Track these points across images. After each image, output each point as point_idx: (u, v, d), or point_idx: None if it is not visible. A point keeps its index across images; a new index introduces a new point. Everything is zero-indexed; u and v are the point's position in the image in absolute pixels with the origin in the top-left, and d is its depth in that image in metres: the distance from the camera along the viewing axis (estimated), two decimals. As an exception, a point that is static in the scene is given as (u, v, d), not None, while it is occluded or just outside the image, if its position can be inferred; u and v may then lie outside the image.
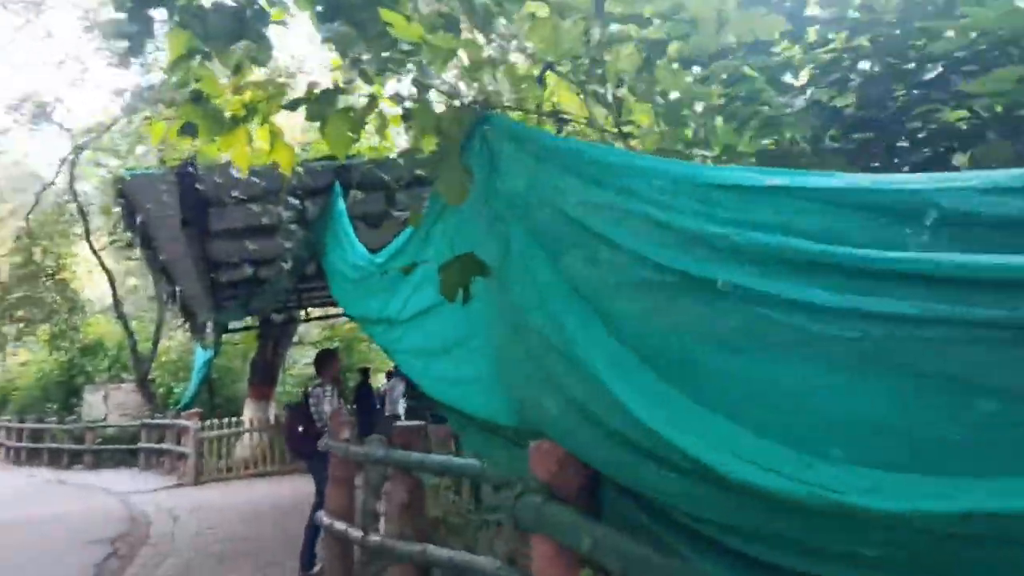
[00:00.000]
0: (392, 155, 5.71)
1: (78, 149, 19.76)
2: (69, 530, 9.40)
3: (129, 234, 7.01)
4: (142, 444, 16.42)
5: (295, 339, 17.24)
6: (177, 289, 9.58)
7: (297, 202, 5.46)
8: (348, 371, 16.42)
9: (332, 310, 16.23)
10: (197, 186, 5.22)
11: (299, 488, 11.71)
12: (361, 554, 5.20)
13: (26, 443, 19.62)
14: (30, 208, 21.42)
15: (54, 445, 18.46)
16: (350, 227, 4.91)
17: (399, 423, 9.10)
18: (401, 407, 13.25)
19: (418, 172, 5.77)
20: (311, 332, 20.47)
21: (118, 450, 17.49)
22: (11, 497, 13.49)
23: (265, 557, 7.06)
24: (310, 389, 6.44)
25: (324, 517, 5.47)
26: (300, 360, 19.23)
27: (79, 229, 20.89)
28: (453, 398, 2.98)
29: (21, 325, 23.31)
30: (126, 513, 10.67)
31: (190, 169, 5.16)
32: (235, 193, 5.42)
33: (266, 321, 14.62)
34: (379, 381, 16.42)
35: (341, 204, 5.25)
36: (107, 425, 18.58)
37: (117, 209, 6.62)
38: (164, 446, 15.29)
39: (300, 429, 6.22)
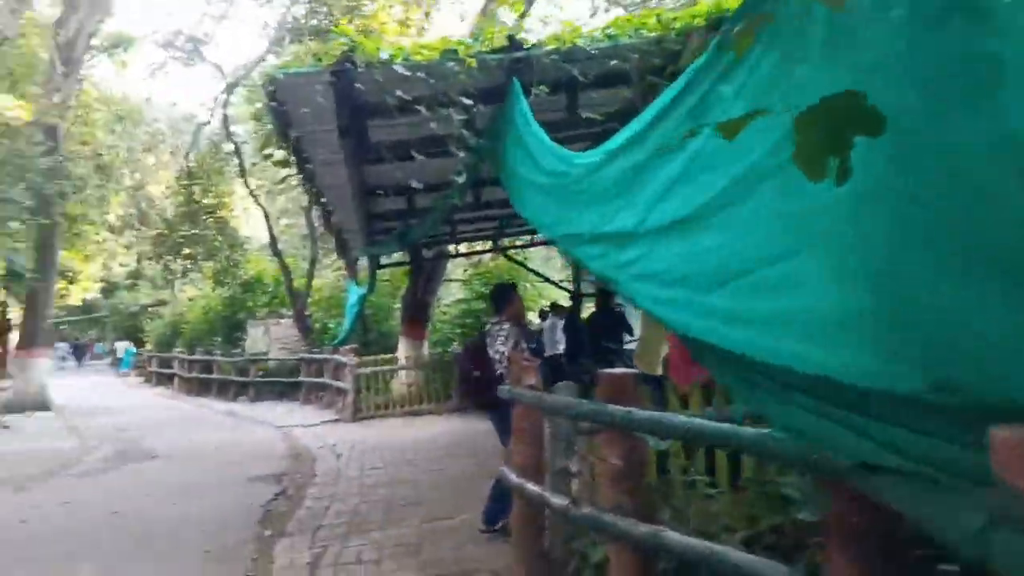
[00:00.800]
0: (581, 41, 4.70)
1: (230, 87, 19.93)
2: (241, 464, 9.33)
3: (283, 152, 6.40)
4: (302, 378, 16.66)
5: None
6: (333, 219, 9.11)
7: (470, 102, 4.58)
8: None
9: (478, 246, 15.59)
10: (356, 85, 4.46)
11: (455, 429, 11.29)
12: (554, 520, 4.42)
13: (197, 374, 20.58)
14: (188, 148, 22.00)
15: (221, 377, 19.19)
16: (539, 128, 3.97)
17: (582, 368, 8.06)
18: (560, 349, 12.49)
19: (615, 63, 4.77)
20: (454, 271, 20.12)
21: (279, 382, 17.89)
22: (193, 426, 13.98)
23: (432, 509, 6.50)
24: (488, 327, 5.69)
25: (510, 474, 4.72)
26: (446, 298, 18.93)
27: (235, 168, 21.29)
28: (747, 342, 2.02)
29: (187, 263, 24.36)
30: (291, 449, 10.58)
31: (348, 65, 4.39)
32: (399, 93, 4.60)
33: (417, 256, 14.18)
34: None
35: (524, 103, 4.31)
36: (269, 359, 19.07)
37: (268, 126, 6.05)
38: (323, 380, 15.37)
39: (476, 373, 5.49)
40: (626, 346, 9.98)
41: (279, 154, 7.26)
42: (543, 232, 4.07)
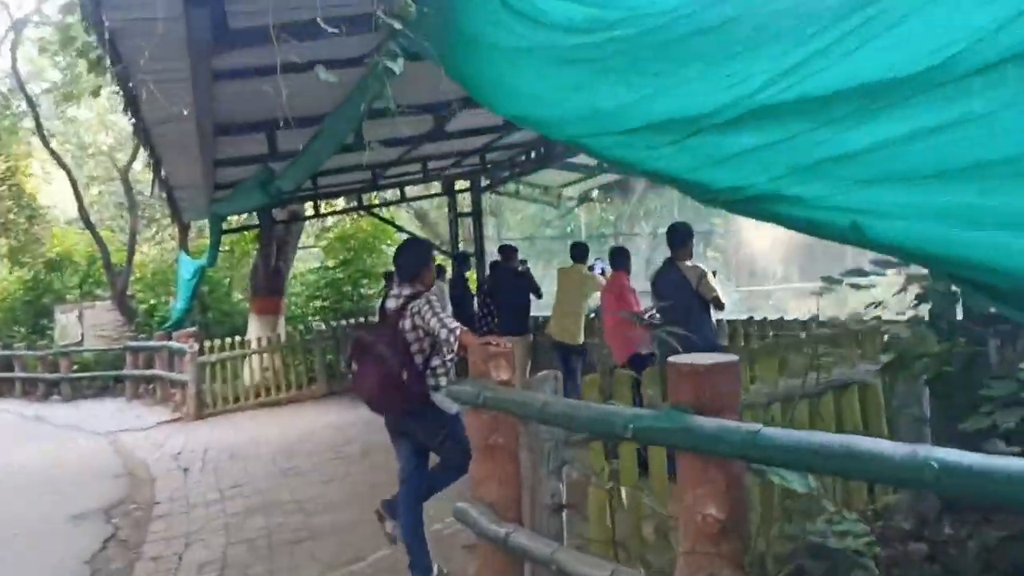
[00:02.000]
0: None
1: (18, 24, 16.53)
2: (56, 493, 7.14)
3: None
4: (127, 370, 14.06)
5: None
6: (165, 170, 7.03)
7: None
8: (367, 276, 14.03)
9: (338, 205, 13.63)
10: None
11: (331, 421, 9.53)
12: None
13: (-7, 373, 17.21)
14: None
15: (25, 374, 16.07)
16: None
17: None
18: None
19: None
20: (304, 238, 17.89)
21: (99, 377, 15.16)
22: (-25, 443, 11.20)
23: (333, 546, 4.88)
24: (397, 300, 4.04)
25: (470, 509, 3.22)
26: (297, 268, 16.77)
27: (29, 123, 17.85)
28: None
29: (-26, 240, 20.46)
30: (120, 463, 8.42)
31: None
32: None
33: (267, 219, 12.11)
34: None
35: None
36: (84, 349, 16.15)
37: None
38: (155, 372, 12.97)
39: (403, 374, 3.86)
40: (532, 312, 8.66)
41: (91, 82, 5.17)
42: (584, 137, 2.32)
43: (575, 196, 13.19)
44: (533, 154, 10.19)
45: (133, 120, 5.42)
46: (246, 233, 14.10)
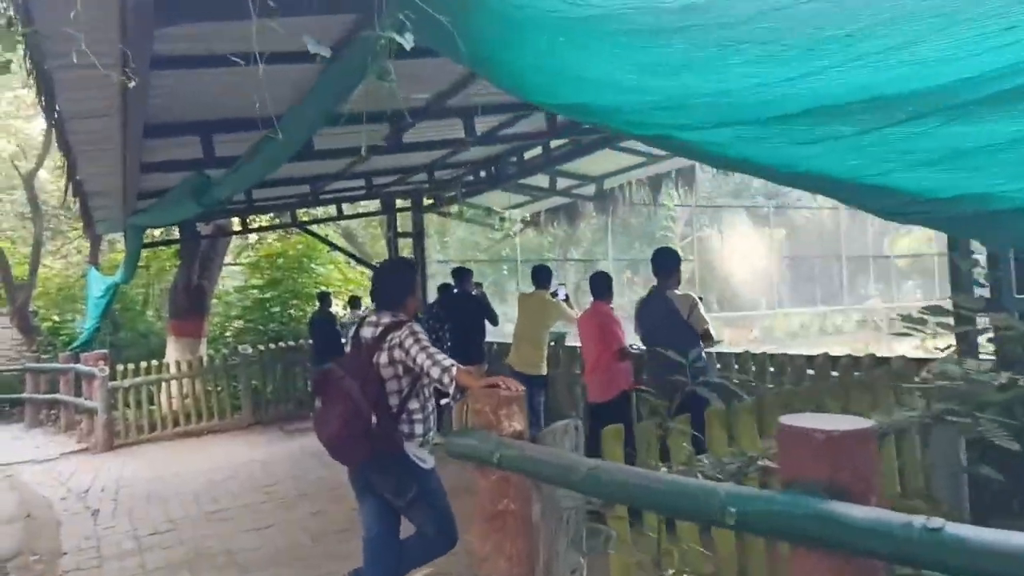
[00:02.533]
0: None
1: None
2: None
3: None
4: (27, 394, 12.78)
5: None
6: (80, 175, 6.22)
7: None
8: (297, 297, 13.21)
9: (261, 220, 12.79)
10: None
11: (262, 455, 8.67)
12: None
13: None
14: None
15: (-94, 397, 14.49)
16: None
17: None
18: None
19: None
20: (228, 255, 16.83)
21: (-6, 401, 13.81)
22: None
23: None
24: (372, 328, 3.44)
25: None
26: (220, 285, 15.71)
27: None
28: None
29: None
30: (17, 503, 7.42)
31: None
32: None
33: (190, 233, 11.22)
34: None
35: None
36: (-24, 370, 14.70)
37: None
38: (59, 396, 11.80)
39: (372, 417, 3.27)
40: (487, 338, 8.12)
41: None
42: (685, 130, 1.72)
43: (519, 219, 12.75)
44: (484, 173, 9.70)
45: (46, 111, 4.67)
46: (165, 249, 13.12)
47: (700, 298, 5.03)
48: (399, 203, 11.95)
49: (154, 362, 10.87)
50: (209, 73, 4.59)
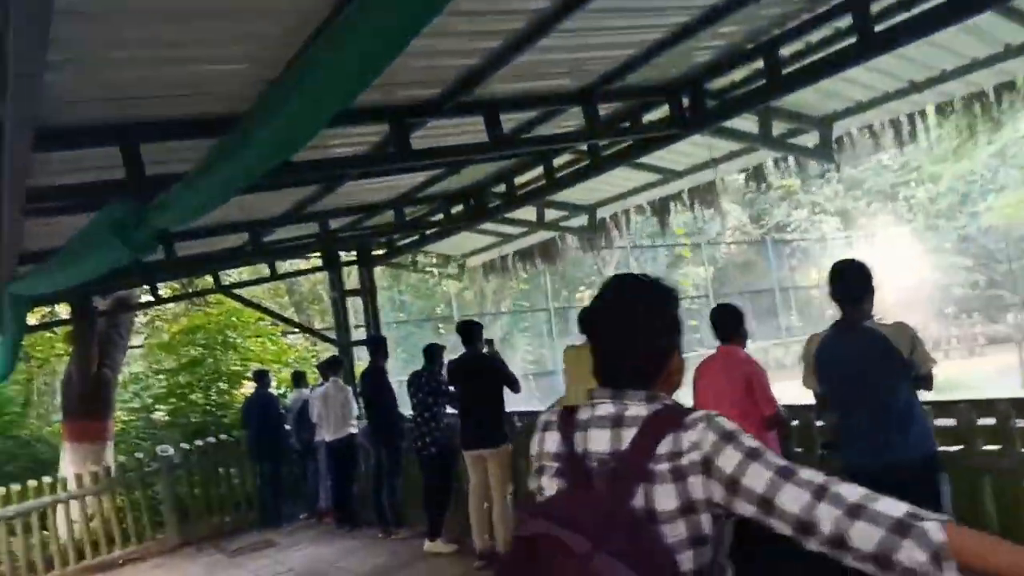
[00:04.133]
0: None
1: None
2: None
3: None
4: None
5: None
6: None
7: None
8: (222, 379, 10.96)
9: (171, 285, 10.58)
10: None
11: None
12: None
13: None
14: None
15: None
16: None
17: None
18: (354, 427, 8.36)
19: None
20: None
21: None
22: None
23: None
24: (648, 438, 1.58)
25: None
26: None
27: None
28: None
29: None
30: None
31: None
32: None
33: (84, 309, 9.00)
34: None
35: None
36: None
37: None
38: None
39: None
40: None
41: None
42: None
43: (481, 266, 11.08)
44: (455, 209, 8.02)
45: None
46: (52, 333, 10.68)
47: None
48: (343, 256, 10.09)
49: (45, 478, 8.41)
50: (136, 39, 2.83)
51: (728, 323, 4.20)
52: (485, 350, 6.35)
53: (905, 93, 5.45)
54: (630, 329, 1.58)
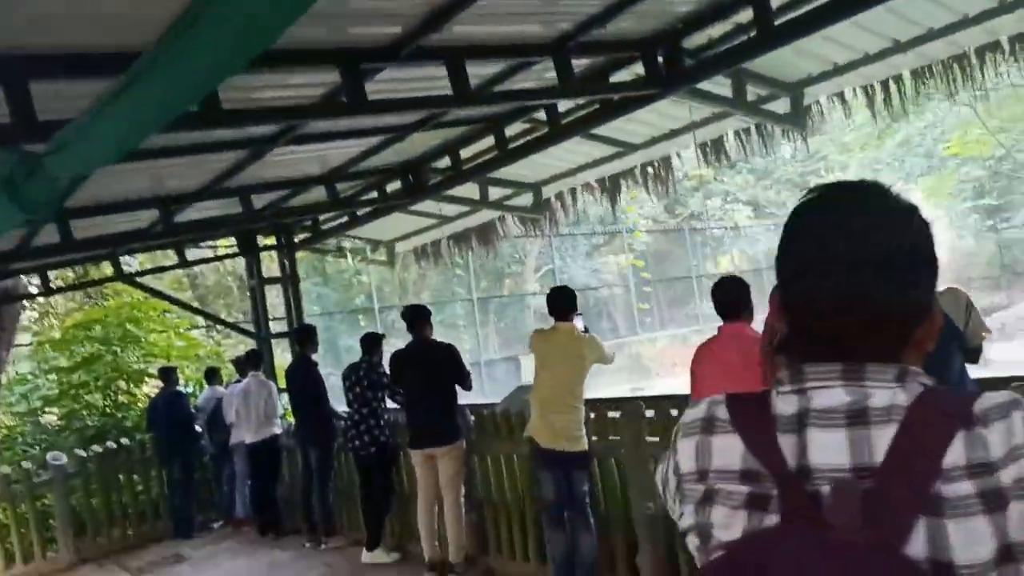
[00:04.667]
0: None
1: None
2: None
3: None
4: None
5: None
6: None
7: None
8: (123, 377, 9.88)
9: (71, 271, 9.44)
10: None
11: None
12: None
13: None
14: None
15: None
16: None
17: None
18: (278, 427, 7.57)
19: None
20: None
21: None
22: None
23: None
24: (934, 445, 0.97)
25: None
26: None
27: None
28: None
29: None
30: None
31: None
32: None
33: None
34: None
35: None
36: None
37: None
38: None
39: None
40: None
41: None
42: None
43: (412, 251, 10.37)
44: (391, 187, 7.33)
45: None
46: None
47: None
48: (262, 241, 9.22)
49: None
50: None
51: (739, 297, 3.68)
52: (438, 342, 5.66)
53: (887, 54, 5.13)
54: (888, 267, 0.99)
